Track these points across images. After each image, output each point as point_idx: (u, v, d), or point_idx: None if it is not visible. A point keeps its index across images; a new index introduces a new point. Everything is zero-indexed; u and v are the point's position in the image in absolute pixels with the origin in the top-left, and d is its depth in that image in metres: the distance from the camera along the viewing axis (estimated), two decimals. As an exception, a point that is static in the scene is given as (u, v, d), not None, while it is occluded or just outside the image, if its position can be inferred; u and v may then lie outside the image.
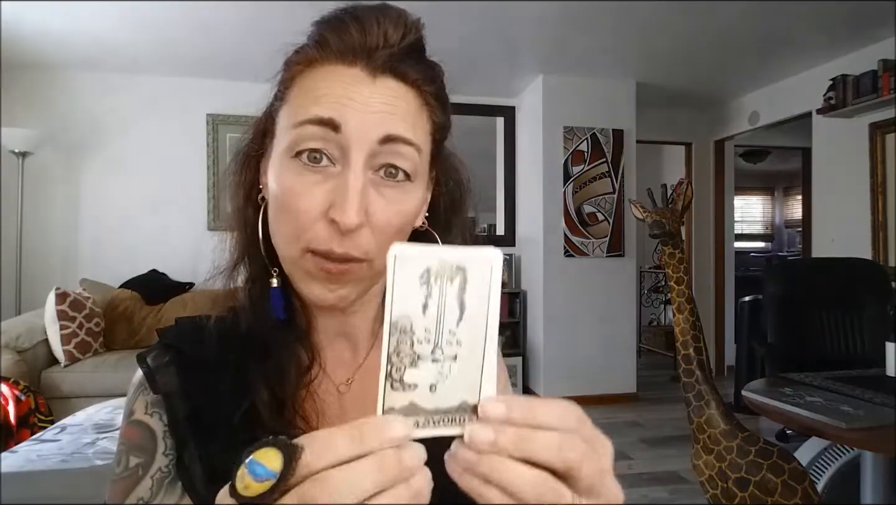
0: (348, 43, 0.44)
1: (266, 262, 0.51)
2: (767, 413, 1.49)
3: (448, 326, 0.30)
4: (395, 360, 0.29)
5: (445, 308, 0.30)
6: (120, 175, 3.95)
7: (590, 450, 0.29)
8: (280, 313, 0.50)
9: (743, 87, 4.48)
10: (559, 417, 0.29)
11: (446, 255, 0.30)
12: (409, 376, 0.30)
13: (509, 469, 0.28)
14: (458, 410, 0.30)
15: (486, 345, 0.30)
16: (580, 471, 0.29)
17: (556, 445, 0.28)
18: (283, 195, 0.45)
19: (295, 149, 0.44)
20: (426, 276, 0.29)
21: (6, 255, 3.65)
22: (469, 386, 0.30)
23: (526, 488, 0.28)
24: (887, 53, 3.32)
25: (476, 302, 0.30)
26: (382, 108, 0.44)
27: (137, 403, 0.49)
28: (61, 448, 1.75)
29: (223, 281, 0.53)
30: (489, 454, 0.28)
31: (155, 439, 0.47)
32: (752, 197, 9.00)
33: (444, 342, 0.30)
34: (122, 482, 0.46)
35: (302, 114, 0.44)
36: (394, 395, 0.30)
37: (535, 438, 0.28)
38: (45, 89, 3.85)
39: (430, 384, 0.30)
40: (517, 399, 0.30)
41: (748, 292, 4.04)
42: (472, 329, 0.30)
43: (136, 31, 3.29)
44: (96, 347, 3.27)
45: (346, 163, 0.44)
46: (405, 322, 0.29)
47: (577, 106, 4.11)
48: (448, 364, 0.30)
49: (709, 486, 1.67)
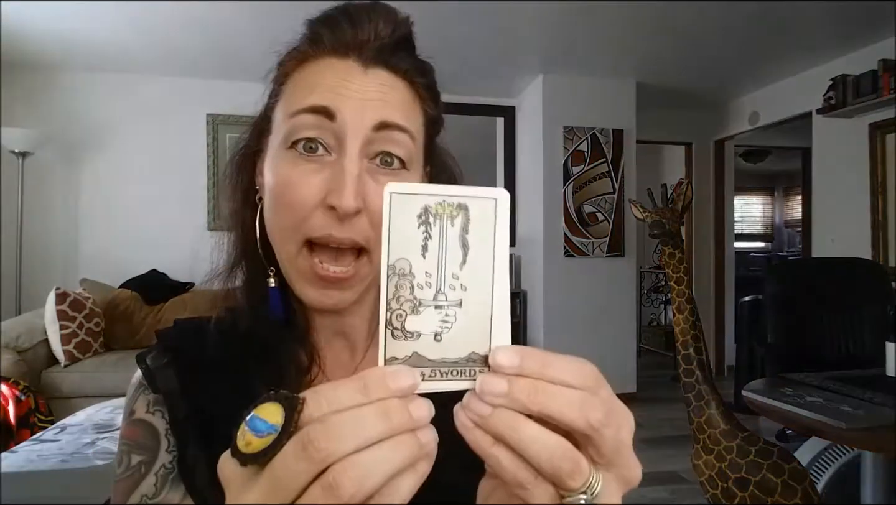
0: (340, 38, 0.46)
1: (263, 262, 0.51)
2: (767, 413, 1.49)
3: (451, 270, 0.28)
4: (394, 306, 0.28)
5: (447, 250, 0.28)
6: (120, 175, 3.95)
7: (614, 414, 0.26)
8: (279, 313, 0.50)
9: (743, 87, 4.48)
10: (577, 373, 0.26)
11: (446, 192, 0.28)
12: (410, 324, 0.28)
13: (524, 427, 0.25)
14: (468, 361, 0.28)
15: (493, 290, 0.28)
16: (602, 435, 0.26)
17: (577, 403, 0.25)
18: (279, 186, 0.45)
19: (290, 139, 0.45)
20: (424, 215, 0.28)
21: (6, 255, 3.65)
22: (479, 336, 0.28)
23: (541, 452, 0.25)
24: (887, 53, 3.32)
25: (481, 243, 0.28)
26: (376, 96, 0.45)
27: (138, 402, 0.49)
28: (61, 448, 1.75)
29: (221, 282, 0.53)
30: (503, 409, 0.25)
31: (157, 437, 0.47)
32: (752, 197, 9.00)
33: (447, 287, 0.28)
34: (124, 481, 0.46)
35: (297, 104, 0.45)
36: (395, 344, 0.28)
37: (553, 393, 0.25)
38: (45, 89, 3.85)
39: (435, 332, 0.28)
40: (532, 350, 0.27)
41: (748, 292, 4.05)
42: (478, 272, 0.28)
43: (135, 32, 3.29)
44: (96, 347, 3.27)
45: (341, 151, 0.44)
46: (403, 265, 0.28)
47: (577, 106, 4.11)
48: (453, 311, 0.28)
49: (709, 486, 1.67)
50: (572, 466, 0.25)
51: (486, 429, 0.26)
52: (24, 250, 3.63)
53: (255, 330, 0.50)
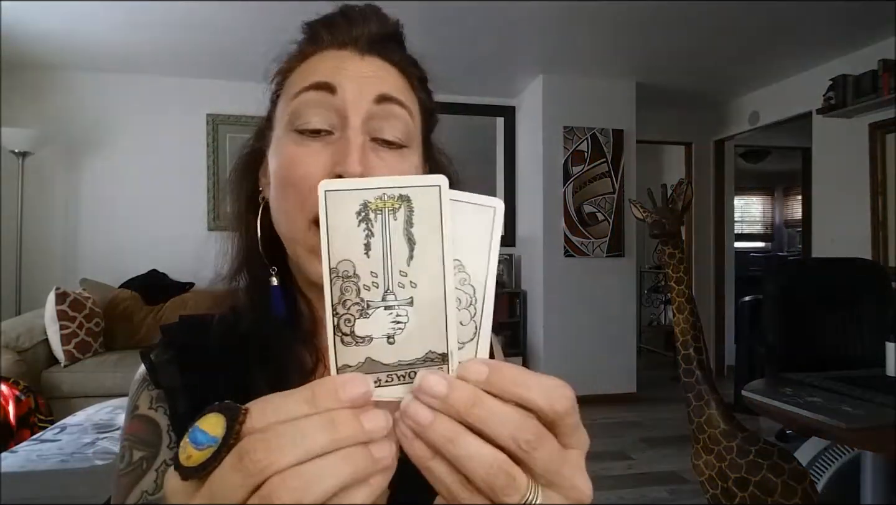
0: (337, 34, 0.49)
1: (266, 262, 0.51)
2: (767, 413, 1.49)
3: (397, 267, 0.26)
4: (341, 310, 0.26)
5: (391, 246, 0.26)
6: (120, 175, 3.95)
7: (548, 436, 0.26)
8: (281, 311, 0.50)
9: (743, 87, 4.48)
10: (546, 396, 0.26)
11: (385, 184, 0.26)
12: (360, 328, 0.26)
13: (462, 440, 0.24)
14: (425, 361, 0.27)
15: (446, 282, 0.26)
16: (532, 457, 0.25)
17: (511, 423, 0.25)
18: (285, 167, 0.46)
19: (294, 123, 0.46)
20: (364, 211, 0.26)
21: (6, 255, 3.65)
22: (434, 333, 0.27)
23: (477, 467, 0.24)
24: (887, 53, 3.32)
25: (427, 234, 0.26)
26: (374, 74, 0.48)
27: (142, 398, 0.49)
28: (61, 448, 1.75)
29: (226, 284, 0.54)
30: (443, 418, 0.25)
31: (160, 433, 0.47)
32: (752, 197, 8.99)
33: (396, 285, 0.26)
34: (126, 477, 0.46)
35: (298, 87, 0.47)
36: (346, 351, 0.26)
37: (491, 408, 0.25)
38: (45, 89, 3.85)
39: (387, 335, 0.26)
40: (506, 366, 0.26)
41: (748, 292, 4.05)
42: (428, 267, 0.26)
43: (135, 32, 3.29)
44: (96, 347, 3.27)
45: (344, 126, 0.46)
46: (346, 266, 0.26)
47: (577, 106, 4.11)
48: (404, 310, 0.26)
49: (709, 486, 1.67)
50: (507, 482, 0.25)
51: (425, 440, 0.25)
52: (24, 250, 3.63)
53: (258, 329, 0.50)
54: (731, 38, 3.42)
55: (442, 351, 0.27)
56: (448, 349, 0.27)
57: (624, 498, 2.60)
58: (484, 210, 0.27)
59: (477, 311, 0.27)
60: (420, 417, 0.25)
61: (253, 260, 0.52)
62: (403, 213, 0.27)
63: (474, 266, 0.27)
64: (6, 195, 3.69)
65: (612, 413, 3.85)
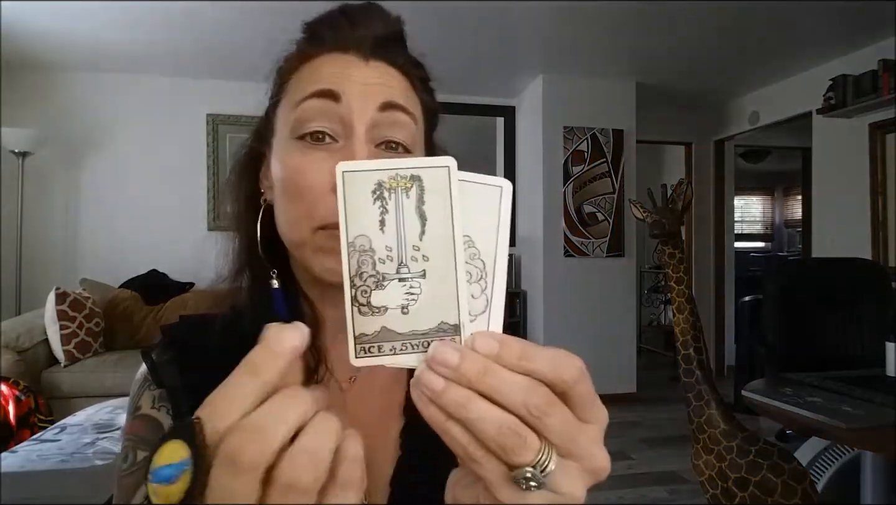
0: (340, 35, 0.48)
1: (266, 264, 0.51)
2: (767, 413, 1.49)
3: (411, 241, 0.28)
4: (358, 282, 0.28)
5: (405, 222, 0.28)
6: (120, 175, 3.95)
7: (558, 403, 0.26)
8: (282, 313, 0.50)
9: (743, 87, 4.48)
10: (553, 367, 0.26)
11: (398, 165, 0.28)
12: (376, 299, 0.28)
13: (473, 404, 0.25)
14: (438, 331, 0.28)
15: (456, 256, 0.28)
16: (544, 423, 0.26)
17: (521, 389, 0.26)
18: (289, 176, 0.46)
19: (298, 130, 0.46)
20: (379, 190, 0.28)
21: (6, 255, 3.65)
22: (446, 304, 0.28)
23: (488, 428, 0.25)
24: (887, 53, 3.32)
25: (439, 211, 0.28)
26: (378, 81, 0.47)
27: (144, 397, 0.49)
28: (61, 448, 1.75)
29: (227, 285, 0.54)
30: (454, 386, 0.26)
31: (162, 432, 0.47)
32: (752, 197, 8.99)
33: (409, 259, 0.28)
34: (129, 477, 0.46)
35: (302, 93, 0.46)
36: (363, 320, 0.28)
37: (501, 377, 0.26)
38: (45, 89, 3.85)
39: (401, 305, 0.28)
40: (514, 340, 0.27)
41: (748, 292, 4.05)
42: (439, 241, 0.28)
43: (135, 31, 3.29)
44: (96, 347, 3.27)
45: (348, 135, 0.46)
46: (363, 241, 0.28)
47: (577, 106, 4.11)
48: (417, 282, 0.28)
49: (709, 486, 1.67)
50: (518, 442, 0.25)
51: (439, 405, 0.26)
52: (24, 250, 3.63)
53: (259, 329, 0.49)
54: (731, 37, 3.42)
55: (454, 322, 0.28)
56: (460, 320, 0.28)
57: (624, 498, 2.60)
58: (491, 189, 0.29)
59: (488, 284, 0.29)
60: (433, 385, 0.26)
61: (253, 261, 0.52)
62: (415, 191, 0.28)
63: (483, 242, 0.29)
64: (6, 195, 3.69)
65: (612, 413, 3.78)
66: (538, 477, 0.26)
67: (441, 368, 0.26)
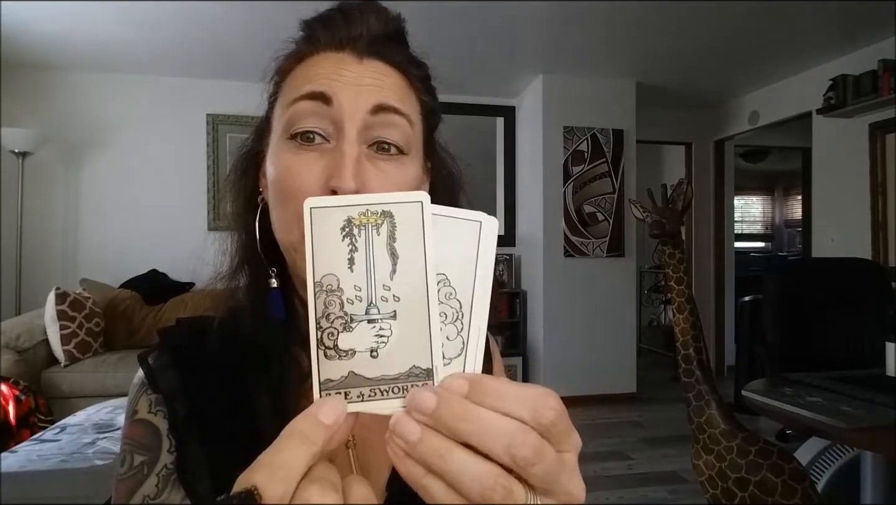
0: (335, 34, 0.48)
1: (265, 263, 0.51)
2: (767, 413, 1.49)
3: (381, 281, 0.27)
4: (324, 324, 0.27)
5: (375, 260, 0.27)
6: (120, 175, 3.95)
7: (546, 447, 0.25)
8: (280, 314, 0.50)
9: (743, 87, 4.48)
10: (531, 407, 0.25)
11: (368, 201, 0.27)
12: (343, 342, 0.27)
13: (453, 455, 0.24)
14: (409, 376, 0.27)
15: (429, 296, 0.27)
16: (528, 473, 0.25)
17: (504, 437, 0.24)
18: (281, 177, 0.46)
19: (290, 130, 0.45)
20: (348, 227, 0.27)
21: (6, 255, 3.65)
22: (418, 347, 0.27)
23: (471, 483, 0.24)
24: (887, 53, 3.32)
25: (410, 249, 0.27)
26: (371, 82, 0.46)
27: (141, 402, 0.49)
28: (61, 448, 1.75)
29: (225, 284, 0.53)
30: (432, 434, 0.24)
31: (160, 437, 0.47)
32: (752, 197, 8.99)
33: (379, 299, 0.27)
34: (127, 481, 0.46)
35: (295, 93, 0.46)
36: (329, 364, 0.27)
37: (482, 421, 0.24)
38: (45, 89, 3.85)
39: (370, 348, 0.27)
40: (488, 378, 0.26)
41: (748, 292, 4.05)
42: (411, 280, 0.27)
43: (136, 32, 3.29)
44: (96, 347, 3.27)
45: (339, 136, 0.45)
46: (331, 280, 0.27)
47: (577, 106, 4.11)
48: (388, 323, 0.27)
49: (709, 486, 1.67)
50: (504, 495, 0.24)
51: (416, 457, 0.25)
52: (24, 250, 3.63)
53: (257, 333, 0.49)
54: (731, 37, 3.42)
55: (426, 366, 0.27)
56: (433, 364, 0.27)
57: (624, 498, 2.60)
58: (469, 224, 0.28)
59: (464, 326, 0.27)
60: (408, 434, 0.25)
61: (252, 260, 0.52)
62: (386, 228, 0.27)
63: (460, 281, 0.27)
64: (6, 195, 3.69)
65: (612, 413, 3.85)
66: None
67: (417, 415, 0.25)
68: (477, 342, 0.27)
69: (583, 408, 3.89)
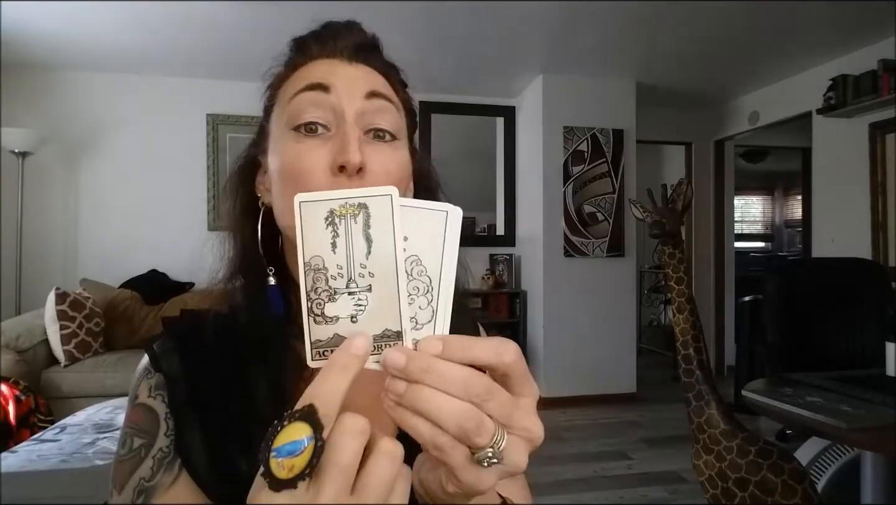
0: (325, 45, 0.54)
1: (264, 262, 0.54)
2: (767, 413, 1.49)
3: (358, 260, 0.32)
4: (313, 296, 0.32)
5: (353, 244, 0.32)
6: (120, 175, 3.95)
7: (496, 387, 0.31)
8: (279, 309, 0.52)
9: (743, 87, 4.48)
10: (494, 352, 0.31)
11: (348, 195, 0.32)
12: (329, 310, 0.32)
13: (432, 398, 0.30)
14: (382, 337, 0.32)
15: (398, 272, 0.32)
16: (486, 407, 0.30)
17: (461, 381, 0.30)
18: (287, 163, 0.49)
19: (293, 122, 0.49)
20: (331, 217, 0.32)
21: (6, 255, 3.65)
22: (390, 314, 0.32)
23: (448, 417, 0.29)
24: (887, 53, 3.32)
25: (382, 235, 0.32)
26: (362, 76, 0.52)
27: (142, 387, 0.51)
28: (61, 448, 1.75)
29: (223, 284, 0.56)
30: (415, 385, 0.30)
31: (157, 421, 0.49)
32: (752, 197, 8.99)
33: (357, 275, 0.32)
34: (125, 463, 0.48)
35: (293, 90, 0.51)
36: (317, 328, 0.32)
37: (443, 371, 0.30)
38: (45, 89, 3.85)
39: (351, 315, 0.32)
40: (457, 337, 0.32)
41: (748, 292, 4.04)
42: (382, 260, 0.32)
43: (135, 32, 3.29)
44: (96, 347, 3.27)
45: (340, 122, 0.49)
46: (318, 261, 0.32)
47: (577, 106, 4.11)
48: (364, 295, 0.32)
49: (709, 486, 1.67)
50: (476, 424, 0.30)
51: (404, 404, 0.30)
52: (24, 250, 3.63)
53: (256, 324, 0.53)
54: (731, 38, 3.42)
55: (397, 329, 0.32)
56: (402, 327, 0.32)
57: (624, 498, 2.60)
58: (437, 214, 0.33)
59: (433, 297, 0.33)
60: (397, 388, 0.30)
61: (252, 260, 0.55)
62: (362, 217, 0.32)
63: (430, 260, 0.33)
64: (6, 195, 3.69)
65: (612, 413, 3.85)
66: (498, 454, 0.31)
67: (392, 370, 0.30)
68: (444, 310, 0.33)
69: (583, 408, 3.89)
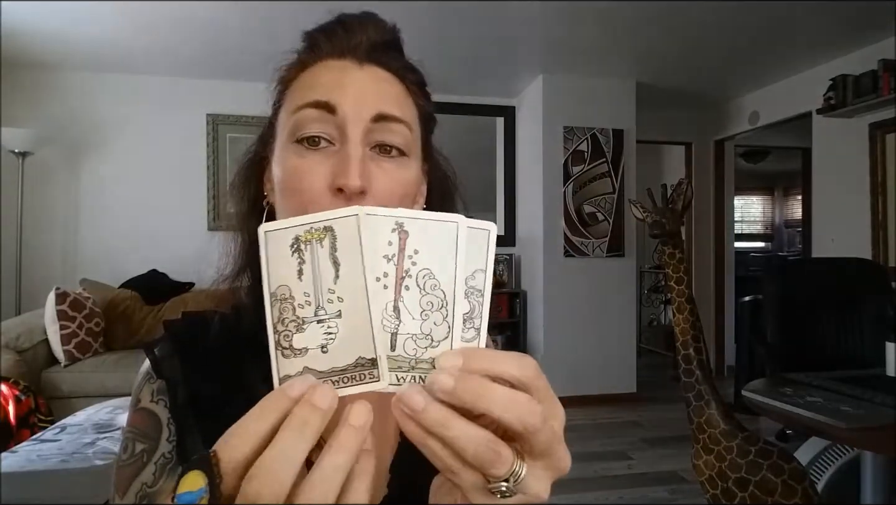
0: (336, 43, 0.50)
1: None
2: (767, 413, 1.49)
3: (326, 286, 0.30)
4: (280, 328, 0.30)
5: (320, 269, 0.30)
6: (120, 175, 3.95)
7: (545, 414, 0.29)
8: None
9: (743, 87, 4.48)
10: (519, 367, 0.29)
11: (312, 220, 0.31)
12: (297, 341, 0.30)
13: (452, 424, 0.27)
14: (356, 366, 0.30)
15: (368, 295, 0.30)
16: (535, 438, 0.28)
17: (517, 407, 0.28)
18: (287, 177, 0.48)
19: (296, 134, 0.48)
20: (296, 244, 0.30)
21: (6, 255, 3.65)
22: (362, 341, 0.30)
23: (466, 445, 0.27)
24: (887, 53, 3.32)
25: (350, 257, 0.30)
26: (372, 90, 0.49)
27: (144, 391, 0.51)
28: (61, 448, 1.75)
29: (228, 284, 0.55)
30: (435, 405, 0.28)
31: (160, 426, 0.49)
32: (752, 197, 8.99)
33: (326, 301, 0.30)
34: (127, 468, 0.48)
35: (300, 100, 0.48)
36: (286, 362, 0.30)
37: (495, 395, 0.28)
38: (45, 89, 3.85)
39: (321, 345, 0.30)
40: (476, 350, 0.30)
41: (748, 292, 4.05)
42: (352, 283, 0.30)
43: (135, 32, 3.29)
44: (96, 347, 3.27)
45: (343, 139, 0.47)
46: (283, 290, 0.30)
47: (577, 106, 4.11)
48: (334, 322, 0.30)
49: (709, 486, 1.67)
50: (494, 457, 0.27)
51: (419, 423, 0.28)
52: (24, 250, 3.63)
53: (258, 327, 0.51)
54: (731, 37, 3.42)
55: (371, 356, 0.30)
56: (377, 354, 0.30)
57: (624, 498, 2.60)
58: (448, 225, 0.31)
59: (449, 312, 0.31)
60: (413, 404, 0.28)
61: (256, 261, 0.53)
62: (328, 240, 0.31)
63: (443, 274, 0.31)
64: (6, 195, 3.69)
65: (612, 413, 3.85)
66: (513, 487, 0.28)
67: (440, 394, 0.28)
68: (461, 326, 0.31)
69: (583, 408, 3.89)
